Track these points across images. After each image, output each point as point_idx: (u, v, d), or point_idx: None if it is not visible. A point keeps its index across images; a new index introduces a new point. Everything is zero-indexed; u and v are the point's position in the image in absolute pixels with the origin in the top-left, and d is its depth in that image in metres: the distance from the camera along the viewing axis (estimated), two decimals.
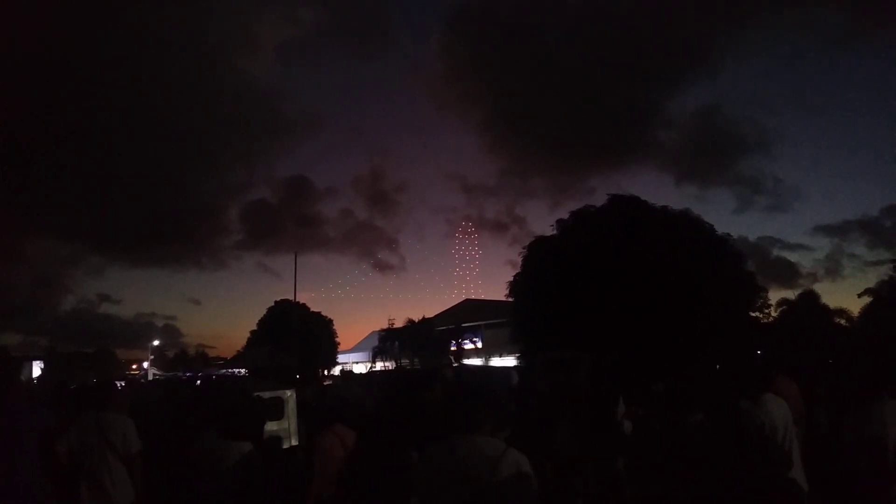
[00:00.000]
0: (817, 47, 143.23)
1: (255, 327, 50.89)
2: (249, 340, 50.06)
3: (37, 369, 49.96)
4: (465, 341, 47.71)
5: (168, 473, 5.71)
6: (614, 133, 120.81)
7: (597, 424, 5.51)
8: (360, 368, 45.75)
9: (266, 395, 10.24)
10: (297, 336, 36.14)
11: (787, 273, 70.52)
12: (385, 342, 46.56)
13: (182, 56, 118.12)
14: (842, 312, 34.70)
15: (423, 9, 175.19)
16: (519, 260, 22.79)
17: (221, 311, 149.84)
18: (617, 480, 5.47)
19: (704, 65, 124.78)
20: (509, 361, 35.09)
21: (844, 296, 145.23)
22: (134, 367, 74.39)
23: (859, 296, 34.27)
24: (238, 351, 51.02)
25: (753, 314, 21.54)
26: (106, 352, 72.87)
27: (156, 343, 72.94)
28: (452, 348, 45.70)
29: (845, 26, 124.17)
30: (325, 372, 45.33)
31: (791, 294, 36.50)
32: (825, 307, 34.78)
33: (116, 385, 7.18)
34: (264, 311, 50.90)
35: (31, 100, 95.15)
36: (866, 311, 32.88)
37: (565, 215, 21.97)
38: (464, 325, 47.68)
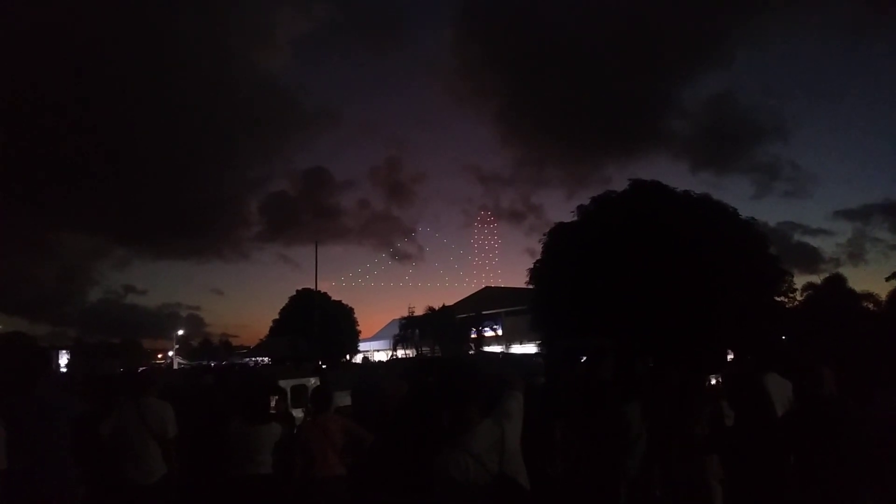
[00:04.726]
0: (832, 32, 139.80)
1: (277, 316, 51.45)
2: (272, 329, 50.55)
3: (64, 359, 51.15)
4: (486, 329, 47.72)
5: (197, 456, 5.87)
6: (629, 122, 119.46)
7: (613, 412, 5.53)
8: (381, 356, 46.11)
9: (290, 382, 10.38)
10: (319, 325, 36.42)
11: (809, 258, 69.26)
12: (406, 330, 46.78)
13: (201, 52, 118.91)
14: (869, 296, 34.08)
15: (436, 2, 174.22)
16: (537, 249, 22.69)
17: (244, 301, 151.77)
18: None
19: (718, 52, 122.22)
20: (530, 349, 35.08)
21: (869, 280, 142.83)
22: (159, 356, 75.78)
23: (887, 279, 33.61)
24: (261, 340, 51.60)
25: (778, 299, 21.20)
26: (132, 342, 74.10)
27: (180, 333, 74.33)
28: (473, 336, 45.78)
29: (861, 10, 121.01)
30: (348, 359, 45.71)
31: (815, 279, 35.79)
32: (852, 291, 34.16)
33: (156, 372, 7.51)
34: (285, 301, 51.32)
35: (55, 97, 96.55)
36: (895, 295, 32.26)
37: (584, 202, 21.75)
38: (484, 312, 47.67)
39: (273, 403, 7.14)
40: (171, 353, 68.96)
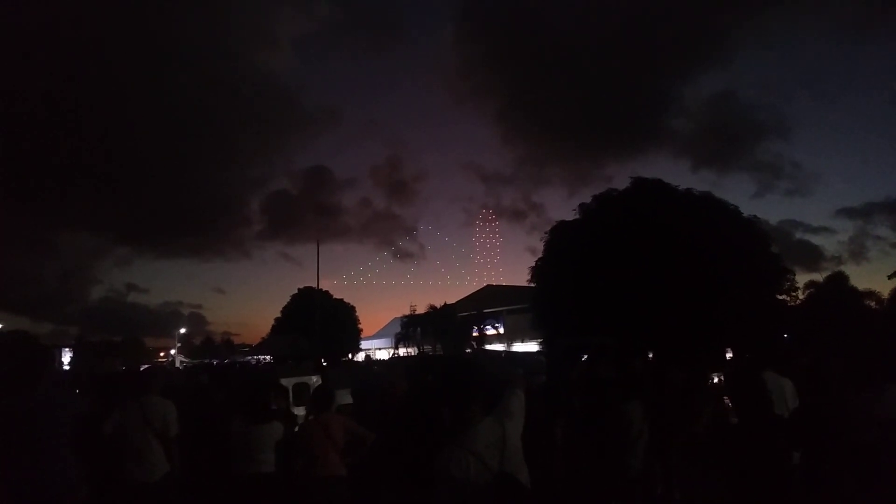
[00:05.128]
0: (833, 31, 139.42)
1: (278, 315, 51.44)
2: (274, 328, 50.54)
3: (66, 357, 51.21)
4: (487, 327, 47.64)
5: (199, 455, 5.88)
6: (630, 120, 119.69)
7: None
8: (382, 354, 46.10)
9: (292, 381, 10.39)
10: (321, 323, 36.39)
11: (810, 256, 69.25)
12: (407, 328, 46.74)
13: (203, 53, 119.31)
14: (871, 294, 34.06)
15: (436, 1, 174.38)
16: (538, 247, 22.69)
17: (245, 300, 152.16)
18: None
19: (719, 51, 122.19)
20: (531, 347, 35.06)
21: (870, 278, 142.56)
22: (161, 354, 75.77)
23: (889, 277, 33.57)
24: (263, 338, 51.55)
25: (780, 297, 21.18)
26: (134, 340, 74.03)
27: (182, 331, 74.36)
28: (474, 334, 45.74)
29: (861, 10, 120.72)
30: (350, 358, 45.71)
31: (816, 277, 35.78)
32: (854, 289, 34.13)
33: (160, 371, 7.50)
34: (287, 299, 51.26)
35: (55, 97, 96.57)
36: None
37: (585, 201, 21.72)
38: (485, 310, 47.61)
39: (274, 401, 7.14)
40: (172, 352, 69.01)
